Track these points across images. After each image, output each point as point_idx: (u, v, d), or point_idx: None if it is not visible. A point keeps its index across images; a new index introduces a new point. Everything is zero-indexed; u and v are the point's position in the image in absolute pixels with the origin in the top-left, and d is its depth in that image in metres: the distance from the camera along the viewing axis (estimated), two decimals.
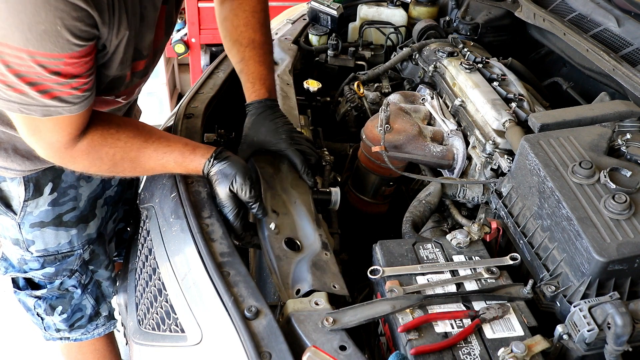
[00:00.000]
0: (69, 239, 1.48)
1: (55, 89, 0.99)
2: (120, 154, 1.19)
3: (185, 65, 4.20)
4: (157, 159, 1.22)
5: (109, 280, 1.66)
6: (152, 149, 1.22)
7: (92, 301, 1.64)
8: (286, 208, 1.27)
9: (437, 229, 1.48)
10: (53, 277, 1.53)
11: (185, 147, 1.24)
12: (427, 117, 1.71)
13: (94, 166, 1.20)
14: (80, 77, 1.01)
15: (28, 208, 1.40)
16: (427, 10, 2.26)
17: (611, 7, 1.77)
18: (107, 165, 1.20)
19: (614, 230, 1.02)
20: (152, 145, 1.22)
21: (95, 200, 1.53)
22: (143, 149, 1.21)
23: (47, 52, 0.93)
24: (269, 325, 0.96)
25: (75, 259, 1.53)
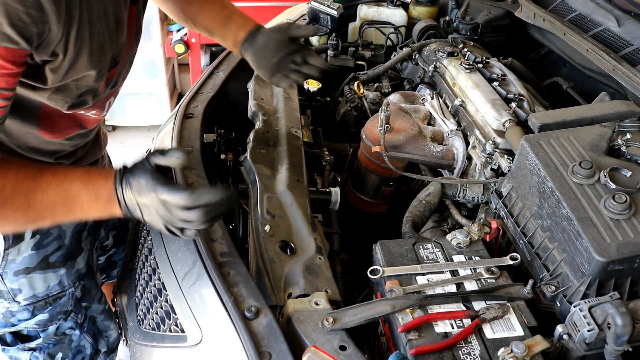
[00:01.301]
0: (58, 280, 1.38)
1: None
2: (10, 186, 0.97)
3: (185, 65, 4.20)
4: (57, 184, 1.01)
5: (103, 314, 1.57)
6: (51, 173, 1.02)
7: (90, 339, 1.54)
8: (282, 210, 1.27)
9: (437, 229, 1.48)
10: (48, 323, 1.42)
11: (89, 169, 1.09)
12: (427, 117, 1.71)
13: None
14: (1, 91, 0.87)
15: (10, 256, 1.29)
16: (427, 10, 2.26)
17: (611, 7, 1.77)
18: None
19: (614, 230, 1.02)
20: (49, 170, 1.03)
21: (80, 234, 1.43)
22: (39, 176, 1.00)
23: None
24: (269, 325, 0.96)
25: (68, 299, 1.42)
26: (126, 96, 3.72)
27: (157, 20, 3.58)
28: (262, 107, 1.61)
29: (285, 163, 1.40)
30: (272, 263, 1.13)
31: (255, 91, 1.68)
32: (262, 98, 1.66)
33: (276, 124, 1.56)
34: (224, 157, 1.50)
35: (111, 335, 1.62)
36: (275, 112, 1.62)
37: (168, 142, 1.44)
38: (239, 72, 1.85)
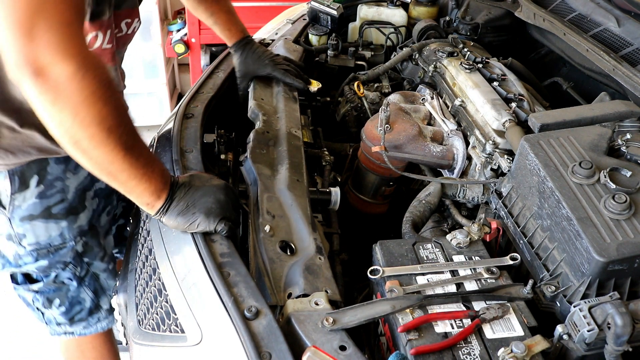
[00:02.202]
0: (59, 231, 1.47)
1: None
2: (113, 118, 1.01)
3: (185, 65, 4.20)
4: (141, 147, 1.09)
5: (106, 272, 1.65)
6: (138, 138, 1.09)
7: (91, 294, 1.63)
8: (282, 210, 1.27)
9: (437, 229, 1.48)
10: (47, 270, 1.52)
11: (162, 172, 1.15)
12: (427, 117, 1.71)
13: (83, 108, 0.96)
14: None
15: (16, 202, 1.38)
16: (427, 10, 2.26)
17: (611, 7, 1.77)
18: (91, 116, 0.97)
19: (614, 230, 1.02)
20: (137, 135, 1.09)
21: (84, 192, 1.51)
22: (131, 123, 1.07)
23: None
24: (269, 325, 0.96)
25: (68, 251, 1.52)
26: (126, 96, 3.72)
27: (157, 20, 3.58)
28: (262, 107, 1.61)
29: (285, 163, 1.40)
30: (272, 263, 1.13)
31: (255, 91, 1.68)
32: (262, 98, 1.66)
33: (276, 124, 1.56)
34: (224, 157, 1.50)
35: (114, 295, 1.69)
36: (275, 112, 1.62)
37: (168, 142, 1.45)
38: None
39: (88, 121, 0.97)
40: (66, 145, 1.01)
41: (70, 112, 0.95)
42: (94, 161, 1.03)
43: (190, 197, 1.14)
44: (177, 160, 1.35)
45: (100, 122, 0.98)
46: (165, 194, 1.12)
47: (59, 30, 0.91)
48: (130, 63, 3.64)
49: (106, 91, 0.99)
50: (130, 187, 1.09)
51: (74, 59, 0.93)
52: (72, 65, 0.92)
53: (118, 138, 1.02)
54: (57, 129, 0.98)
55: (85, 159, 1.03)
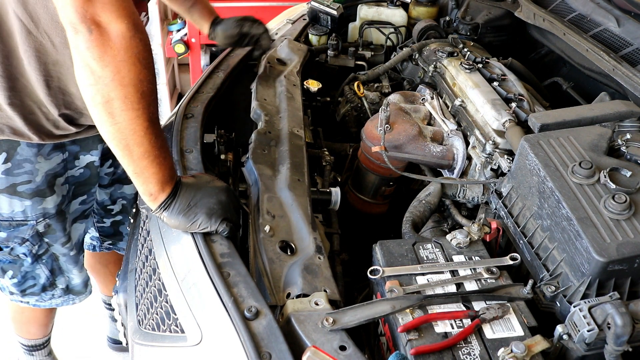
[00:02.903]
0: (22, 209, 1.50)
1: None
2: (148, 83, 1.05)
3: (185, 65, 4.20)
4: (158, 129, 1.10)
5: (67, 257, 1.68)
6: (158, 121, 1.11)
7: (47, 272, 1.67)
8: (282, 210, 1.27)
9: (437, 229, 1.48)
10: (4, 241, 1.56)
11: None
12: (427, 117, 1.71)
13: (125, 66, 1.01)
14: None
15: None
16: (427, 10, 2.26)
17: (611, 7, 1.77)
18: (131, 75, 1.02)
19: (614, 230, 1.02)
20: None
21: (55, 178, 1.53)
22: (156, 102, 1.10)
23: None
24: (268, 325, 0.96)
25: (28, 229, 1.54)
26: None
27: (157, 20, 3.58)
28: (264, 107, 1.61)
29: (286, 163, 1.40)
30: (271, 263, 1.13)
31: (258, 91, 1.68)
32: (265, 98, 1.66)
33: (278, 124, 1.56)
34: (224, 157, 1.50)
35: (73, 279, 1.74)
36: (277, 112, 1.62)
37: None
38: (239, 72, 1.85)
39: (127, 80, 1.01)
40: (96, 106, 1.03)
41: (114, 68, 1.00)
42: (117, 127, 1.04)
43: (192, 196, 1.14)
44: (177, 160, 1.35)
45: (137, 83, 1.02)
46: (169, 187, 1.13)
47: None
48: None
49: (148, 55, 1.04)
50: (141, 168, 1.09)
51: (127, 19, 0.99)
52: (125, 25, 0.99)
53: (147, 105, 1.05)
54: (94, 85, 1.01)
55: (110, 123, 1.04)
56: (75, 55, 1.01)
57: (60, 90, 1.39)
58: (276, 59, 1.92)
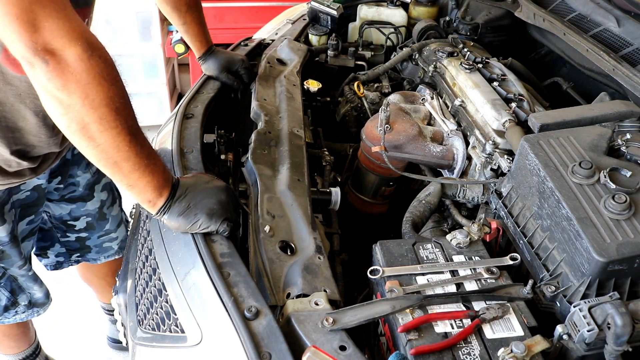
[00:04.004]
0: None
1: None
2: (120, 99, 1.03)
3: (185, 65, 4.20)
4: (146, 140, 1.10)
5: (25, 277, 1.66)
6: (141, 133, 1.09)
7: (7, 293, 1.64)
8: (282, 210, 1.27)
9: (437, 229, 1.48)
10: None
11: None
12: (427, 117, 1.71)
13: (92, 88, 0.97)
14: None
15: None
16: (427, 10, 2.26)
17: (611, 7, 1.77)
18: (100, 96, 0.98)
19: (614, 230, 1.02)
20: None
21: (2, 206, 1.48)
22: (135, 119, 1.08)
23: None
24: (268, 325, 0.96)
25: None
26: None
27: (157, 20, 3.58)
28: (264, 107, 1.61)
29: (286, 163, 1.40)
30: (271, 263, 1.13)
31: (258, 92, 1.68)
32: (264, 99, 1.66)
33: (278, 124, 1.56)
34: (224, 157, 1.50)
35: (34, 294, 1.72)
36: (277, 112, 1.62)
37: (168, 142, 1.44)
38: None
39: (97, 102, 0.98)
40: (74, 134, 1.01)
41: (81, 93, 0.96)
42: (100, 148, 1.02)
43: (191, 197, 1.14)
44: (177, 160, 1.35)
45: (109, 102, 0.99)
46: (167, 191, 1.12)
47: (58, 15, 0.93)
48: (130, 63, 3.64)
49: (112, 71, 1.01)
50: (134, 180, 1.08)
51: (80, 40, 0.95)
52: (79, 46, 0.95)
53: (125, 121, 1.03)
54: (65, 114, 0.98)
55: (91, 147, 1.02)
56: (38, 89, 0.98)
57: (8, 129, 1.34)
58: (276, 59, 1.92)
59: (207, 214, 1.13)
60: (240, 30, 3.42)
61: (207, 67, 1.75)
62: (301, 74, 1.88)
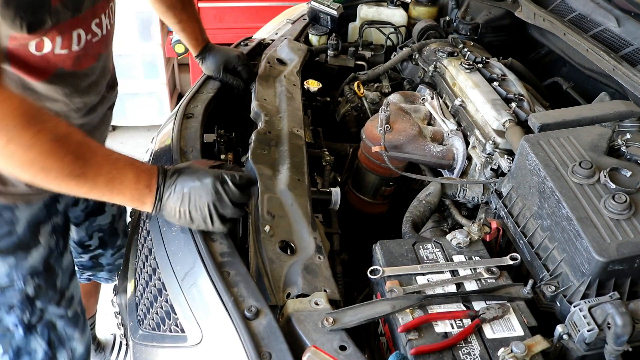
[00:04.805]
0: (6, 270, 1.29)
1: None
2: (64, 128, 0.98)
3: (185, 65, 4.20)
4: (106, 152, 1.04)
5: (64, 320, 1.45)
6: (97, 143, 1.04)
7: (44, 345, 1.42)
8: (282, 210, 1.27)
9: (437, 229, 1.48)
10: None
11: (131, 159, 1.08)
12: (427, 117, 1.71)
13: (21, 131, 0.93)
14: None
15: None
16: (427, 10, 2.26)
17: (611, 7, 1.77)
18: (21, 149, 0.94)
19: (614, 230, 1.02)
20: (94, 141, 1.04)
21: (38, 226, 1.33)
22: (88, 139, 1.02)
23: None
24: (269, 325, 0.96)
25: (15, 293, 1.32)
26: (126, 96, 3.72)
27: (157, 20, 3.58)
28: (264, 107, 1.61)
29: (286, 163, 1.40)
30: (271, 263, 1.13)
31: (258, 92, 1.68)
32: (264, 98, 1.66)
33: (278, 124, 1.56)
34: (224, 157, 1.50)
35: (76, 349, 1.51)
36: (277, 112, 1.62)
37: (168, 141, 1.45)
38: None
39: (20, 168, 0.96)
40: (25, 179, 0.99)
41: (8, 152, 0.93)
42: (57, 183, 0.99)
43: (184, 186, 1.08)
44: (177, 160, 1.35)
45: (30, 166, 0.96)
46: (153, 185, 1.06)
47: None
48: (130, 63, 3.64)
49: (25, 132, 0.94)
50: (108, 199, 1.05)
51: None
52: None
53: (59, 174, 0.98)
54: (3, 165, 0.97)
55: (49, 185, 0.99)
56: None
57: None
58: (276, 59, 1.92)
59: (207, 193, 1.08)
60: (240, 30, 3.41)
61: (207, 67, 1.73)
62: (301, 74, 1.88)
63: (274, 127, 1.54)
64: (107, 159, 1.03)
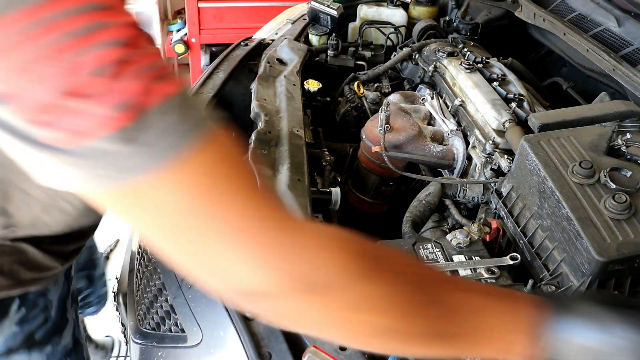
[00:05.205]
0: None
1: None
2: (419, 281, 0.65)
3: (185, 65, 4.20)
4: (477, 288, 0.73)
5: None
6: (454, 283, 0.72)
7: None
8: None
9: (437, 229, 1.48)
10: None
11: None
12: (427, 117, 1.71)
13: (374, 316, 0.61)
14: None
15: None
16: (427, 10, 2.26)
17: (611, 7, 1.77)
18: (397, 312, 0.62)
19: (614, 230, 1.02)
20: (450, 279, 0.76)
21: (65, 302, 1.20)
22: (444, 275, 0.75)
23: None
24: (269, 325, 0.96)
25: None
26: None
27: (157, 20, 3.59)
28: (264, 107, 1.61)
29: (286, 163, 1.40)
30: None
31: (258, 92, 1.68)
32: (264, 99, 1.66)
33: (278, 124, 1.56)
34: None
35: None
36: (277, 112, 1.62)
37: None
38: (238, 72, 1.85)
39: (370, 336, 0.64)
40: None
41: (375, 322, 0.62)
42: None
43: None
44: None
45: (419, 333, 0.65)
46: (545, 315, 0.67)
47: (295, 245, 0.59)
48: None
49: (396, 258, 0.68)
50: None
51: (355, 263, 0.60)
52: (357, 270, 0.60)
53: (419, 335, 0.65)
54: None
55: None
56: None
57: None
58: (276, 59, 1.92)
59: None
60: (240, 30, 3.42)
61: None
62: (301, 74, 1.88)
63: (273, 127, 1.54)
64: (481, 303, 0.67)
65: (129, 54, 0.49)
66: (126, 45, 0.50)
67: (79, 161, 0.49)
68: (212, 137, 0.56)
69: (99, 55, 0.48)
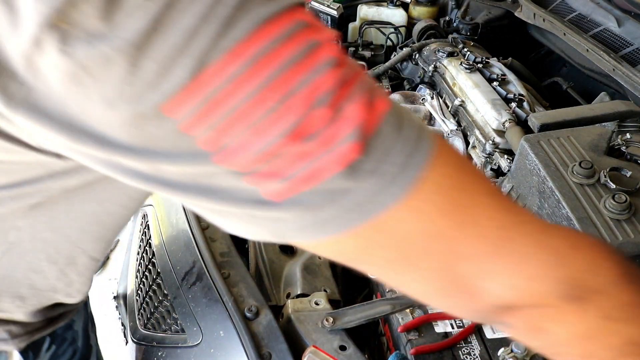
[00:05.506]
0: None
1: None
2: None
3: None
4: None
5: None
6: None
7: None
8: None
9: None
10: None
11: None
12: (427, 117, 1.71)
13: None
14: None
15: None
16: (427, 10, 2.26)
17: (611, 7, 1.77)
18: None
19: (614, 230, 1.02)
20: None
21: (87, 330, 1.16)
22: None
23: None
24: (269, 325, 0.96)
25: None
26: None
27: None
28: None
29: None
30: (271, 263, 1.13)
31: None
32: None
33: None
34: None
35: None
36: None
37: None
38: None
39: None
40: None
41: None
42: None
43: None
44: None
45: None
46: None
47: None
48: None
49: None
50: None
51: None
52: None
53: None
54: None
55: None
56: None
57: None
58: None
59: None
60: None
61: None
62: None
63: None
64: None
65: (344, 75, 0.43)
66: (339, 65, 0.43)
67: (297, 210, 0.43)
68: (436, 147, 0.48)
69: (318, 83, 0.41)
